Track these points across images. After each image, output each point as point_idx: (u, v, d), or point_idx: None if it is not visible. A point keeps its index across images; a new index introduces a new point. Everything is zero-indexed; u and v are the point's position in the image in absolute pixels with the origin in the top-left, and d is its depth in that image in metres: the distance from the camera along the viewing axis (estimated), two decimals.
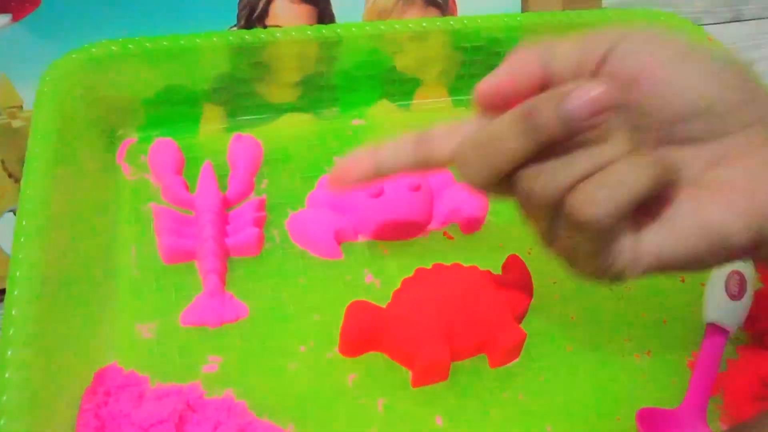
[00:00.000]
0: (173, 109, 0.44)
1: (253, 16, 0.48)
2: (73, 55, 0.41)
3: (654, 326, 0.37)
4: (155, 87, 0.43)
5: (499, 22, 0.47)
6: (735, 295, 0.37)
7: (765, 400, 0.34)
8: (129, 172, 0.42)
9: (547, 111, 0.23)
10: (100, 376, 0.32)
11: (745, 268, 0.38)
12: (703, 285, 0.38)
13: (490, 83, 0.27)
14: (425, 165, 0.29)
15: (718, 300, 0.37)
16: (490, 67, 0.48)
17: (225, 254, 0.38)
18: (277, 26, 0.48)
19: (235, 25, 0.48)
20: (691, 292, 0.38)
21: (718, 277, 0.38)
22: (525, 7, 0.53)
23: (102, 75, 0.42)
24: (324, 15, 0.49)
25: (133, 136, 0.44)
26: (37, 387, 0.28)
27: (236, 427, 0.30)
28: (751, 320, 0.37)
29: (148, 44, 0.41)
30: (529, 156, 0.24)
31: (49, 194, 0.34)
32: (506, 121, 0.24)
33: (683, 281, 0.39)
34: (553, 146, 0.23)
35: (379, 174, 0.29)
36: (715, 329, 0.36)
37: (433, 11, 0.52)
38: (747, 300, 0.37)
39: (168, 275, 0.37)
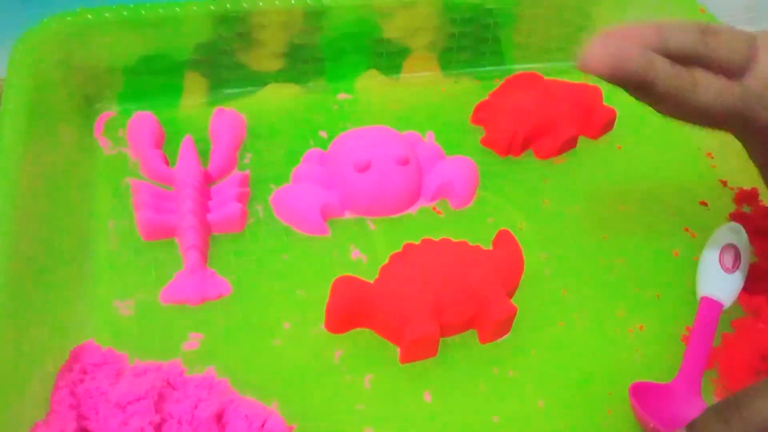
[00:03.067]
0: (153, 81, 0.43)
1: None
2: (48, 24, 0.40)
3: (647, 300, 0.36)
4: (133, 58, 0.42)
5: None
6: (729, 269, 0.36)
7: (761, 374, 0.33)
8: (107, 146, 0.41)
9: None
10: (77, 354, 0.31)
11: (740, 241, 0.37)
12: (696, 259, 0.37)
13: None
14: (705, 55, 0.29)
15: (711, 273, 0.36)
16: (480, 41, 0.48)
17: (206, 230, 0.37)
18: None
19: None
20: (685, 266, 0.38)
21: (712, 250, 0.37)
22: None
23: (78, 45, 0.40)
24: None
25: (111, 110, 0.43)
26: (8, 363, 0.27)
27: (218, 404, 0.29)
28: (746, 294, 0.36)
29: (125, 12, 0.40)
30: None
31: (23, 167, 0.33)
32: None
33: (677, 255, 0.39)
34: None
35: (663, 45, 0.28)
36: (709, 303, 0.35)
37: None
38: (741, 273, 0.36)
39: (147, 252, 0.36)
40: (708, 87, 0.28)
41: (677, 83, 0.28)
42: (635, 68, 0.26)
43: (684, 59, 0.28)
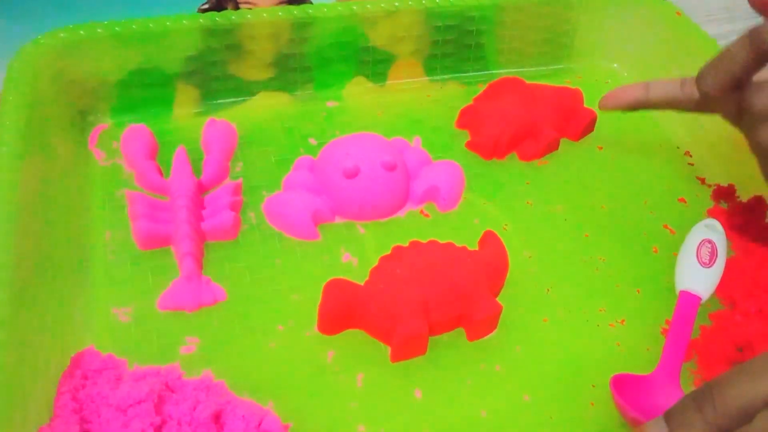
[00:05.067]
0: (145, 93, 0.44)
1: None
2: (42, 41, 0.40)
3: (628, 296, 0.38)
4: (126, 71, 0.43)
5: (470, 0, 0.47)
6: (706, 263, 0.37)
7: (737, 364, 0.34)
8: (101, 158, 0.42)
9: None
10: (77, 360, 0.32)
11: (717, 236, 0.39)
12: (675, 255, 0.39)
13: None
14: (687, 104, 0.37)
15: (689, 268, 0.37)
16: (463, 47, 0.49)
17: (201, 238, 0.38)
18: (248, 2, 0.48)
19: (205, 3, 0.48)
20: (664, 262, 0.39)
21: (690, 246, 0.38)
22: None
23: (71, 60, 0.41)
24: None
25: (105, 122, 0.44)
26: (11, 370, 0.28)
27: (215, 405, 0.30)
28: (723, 287, 0.37)
29: (117, 28, 0.41)
30: (751, 65, 0.31)
31: (20, 180, 0.34)
32: (736, 42, 0.32)
33: (656, 251, 0.40)
34: None
35: (648, 102, 0.38)
36: (687, 296, 0.36)
37: None
38: (718, 268, 0.37)
39: (144, 260, 0.37)
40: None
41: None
42: (633, 101, 0.38)
43: (665, 106, 0.38)
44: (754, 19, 0.67)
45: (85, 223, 0.38)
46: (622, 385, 0.32)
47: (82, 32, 0.41)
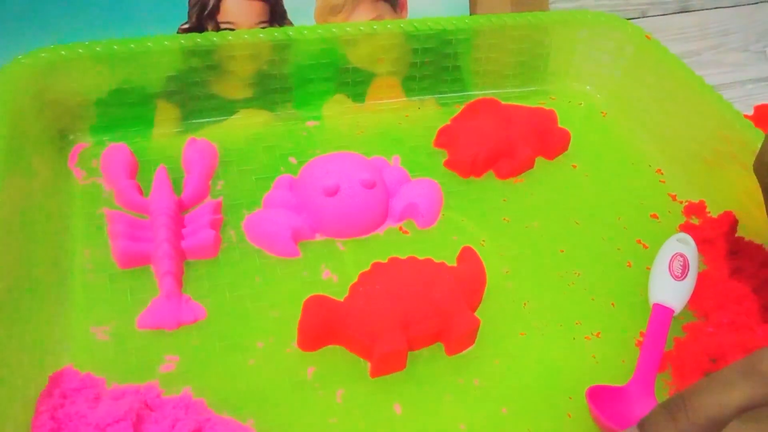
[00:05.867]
0: (125, 112, 0.44)
1: (205, 12, 0.48)
2: (22, 60, 0.41)
3: (603, 309, 0.38)
4: (106, 91, 0.43)
5: (447, 25, 0.49)
6: (678, 276, 0.38)
7: (710, 374, 0.35)
8: (81, 176, 0.42)
9: None
10: (56, 379, 0.32)
11: (688, 250, 0.40)
12: (648, 268, 0.40)
13: None
14: None
15: (662, 281, 0.38)
16: (441, 69, 0.50)
17: (181, 257, 0.38)
18: (229, 22, 0.48)
19: (186, 23, 0.48)
20: (638, 276, 0.40)
21: (663, 260, 0.39)
22: (473, 10, 0.55)
23: (52, 80, 0.41)
24: (276, 10, 0.50)
25: (85, 141, 0.44)
26: None
27: (195, 423, 0.30)
28: (696, 300, 0.38)
29: (98, 48, 0.41)
30: None
31: (0, 198, 0.34)
32: None
33: (630, 266, 0.41)
34: None
35: None
36: (660, 309, 0.37)
37: (384, 5, 0.53)
38: (690, 281, 0.38)
39: (123, 279, 0.37)
40: None
41: None
42: None
43: None
44: (725, 37, 0.70)
45: (64, 242, 0.38)
46: (598, 396, 0.33)
47: (63, 52, 0.41)
